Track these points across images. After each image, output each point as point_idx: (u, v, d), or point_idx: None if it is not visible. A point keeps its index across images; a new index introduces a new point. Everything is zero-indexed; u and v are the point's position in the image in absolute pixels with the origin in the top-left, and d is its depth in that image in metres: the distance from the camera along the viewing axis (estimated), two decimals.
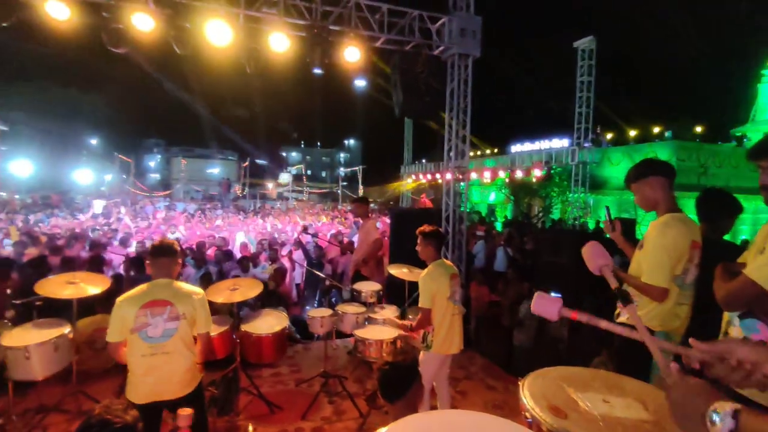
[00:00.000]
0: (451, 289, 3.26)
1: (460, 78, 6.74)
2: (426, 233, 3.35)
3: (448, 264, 3.43)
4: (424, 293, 3.17)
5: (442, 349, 3.24)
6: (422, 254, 3.37)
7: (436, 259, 3.33)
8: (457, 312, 3.34)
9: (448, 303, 3.23)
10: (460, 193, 7.20)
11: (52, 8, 4.95)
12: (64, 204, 20.33)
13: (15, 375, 3.02)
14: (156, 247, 2.61)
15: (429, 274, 3.23)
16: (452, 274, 3.33)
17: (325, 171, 62.56)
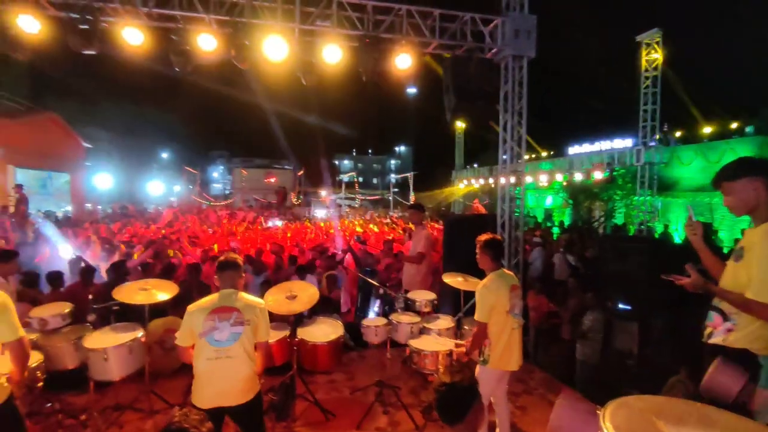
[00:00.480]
0: (510, 301, 3.11)
1: (515, 80, 6.54)
2: (483, 242, 3.23)
3: (508, 274, 3.28)
4: (481, 306, 3.04)
5: (499, 365, 3.10)
6: (481, 263, 3.26)
7: (495, 268, 3.20)
8: (517, 326, 3.18)
9: (507, 316, 3.09)
10: (515, 198, 6.96)
11: (128, 35, 5.39)
12: (138, 213, 22.03)
13: (95, 375, 3.28)
14: (222, 262, 2.76)
15: (486, 285, 3.10)
16: (512, 286, 3.18)
17: (376, 178, 63.20)
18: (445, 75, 6.60)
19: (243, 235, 12.23)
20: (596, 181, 18.47)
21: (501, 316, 3.07)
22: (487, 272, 3.22)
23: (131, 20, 5.43)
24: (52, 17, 5.27)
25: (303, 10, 5.87)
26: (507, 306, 3.08)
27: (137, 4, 5.35)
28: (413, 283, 5.11)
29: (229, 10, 5.68)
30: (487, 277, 3.17)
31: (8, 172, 17.06)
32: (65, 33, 5.20)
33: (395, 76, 6.37)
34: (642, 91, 15.16)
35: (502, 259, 3.42)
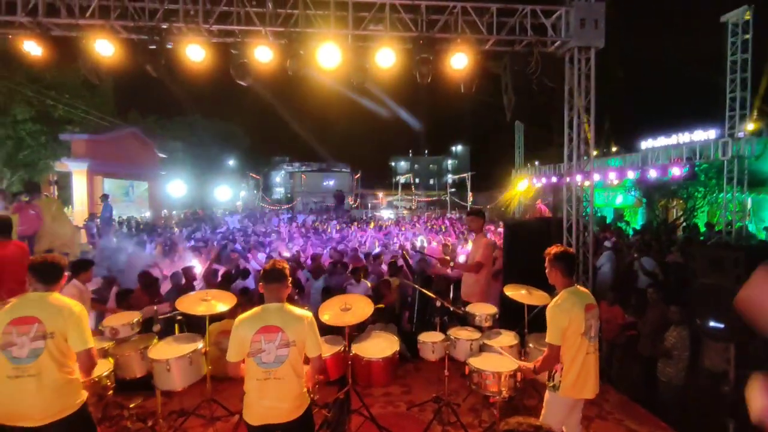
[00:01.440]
0: (586, 323, 2.77)
1: (581, 73, 6.07)
2: (554, 255, 2.91)
3: (583, 292, 2.93)
4: (552, 327, 2.75)
5: (572, 393, 2.78)
6: (551, 278, 2.96)
7: (567, 285, 2.88)
8: (593, 350, 2.83)
9: (582, 339, 2.76)
10: (583, 200, 6.46)
11: (191, 52, 5.63)
12: (208, 218, 23.45)
13: (159, 385, 3.41)
14: (267, 272, 2.67)
15: (559, 304, 2.79)
16: (588, 305, 2.83)
17: (432, 179, 62.60)
18: (504, 73, 6.26)
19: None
20: (674, 177, 16.88)
21: (575, 339, 2.76)
22: (558, 289, 2.91)
23: (194, 38, 5.67)
24: (124, 40, 5.62)
25: (355, 16, 5.83)
26: (582, 328, 2.76)
27: (200, 22, 5.58)
28: (472, 293, 4.85)
29: (284, 21, 5.76)
30: (559, 295, 2.86)
31: (96, 183, 18.82)
32: (136, 54, 5.54)
33: (451, 76, 6.16)
34: (729, 77, 13.62)
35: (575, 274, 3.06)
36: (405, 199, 40.20)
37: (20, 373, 2.39)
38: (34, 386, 2.39)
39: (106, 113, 21.72)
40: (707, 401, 4.36)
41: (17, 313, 2.46)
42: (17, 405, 2.40)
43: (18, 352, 2.39)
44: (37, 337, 2.42)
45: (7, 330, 2.41)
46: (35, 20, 5.32)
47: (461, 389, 4.43)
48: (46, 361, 2.42)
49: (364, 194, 43.91)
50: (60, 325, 2.47)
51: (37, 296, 2.55)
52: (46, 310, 2.48)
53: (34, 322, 2.43)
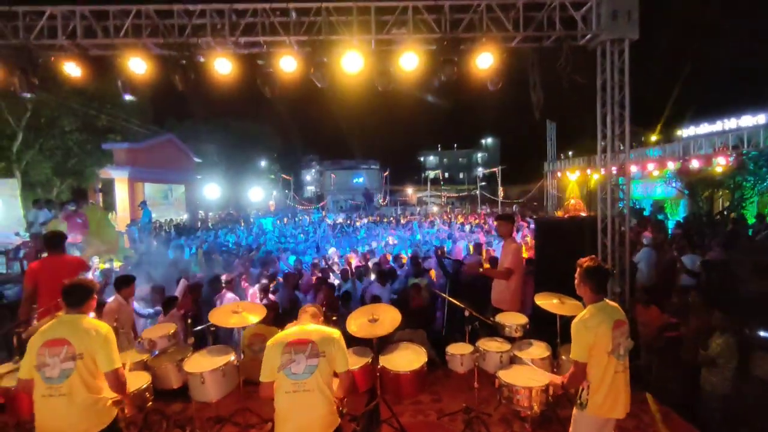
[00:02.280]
0: (614, 341, 2.65)
1: (614, 67, 5.82)
2: (585, 269, 2.78)
3: (613, 307, 2.79)
4: (577, 344, 2.65)
5: (600, 411, 2.66)
6: (579, 291, 2.85)
7: (596, 300, 2.76)
8: (622, 369, 2.71)
9: (609, 358, 2.64)
10: (618, 199, 6.21)
11: (219, 65, 5.78)
12: (242, 219, 24.12)
13: (194, 396, 3.55)
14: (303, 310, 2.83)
15: (584, 320, 2.67)
16: (617, 322, 2.70)
17: (462, 173, 61.83)
18: (531, 70, 6.08)
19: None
20: (722, 166, 15.93)
21: (602, 357, 2.64)
22: (585, 302, 2.80)
23: (221, 51, 5.81)
24: (156, 56, 5.82)
25: (378, 20, 5.80)
26: (609, 346, 2.63)
27: (227, 35, 5.70)
28: (502, 300, 4.76)
29: (307, 29, 5.81)
30: (586, 310, 2.75)
31: (137, 188, 19.69)
32: (167, 69, 5.73)
33: (476, 75, 6.05)
34: None
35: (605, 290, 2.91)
36: (434, 194, 39.86)
37: (53, 392, 2.53)
38: (65, 405, 2.54)
39: (145, 121, 22.68)
40: (756, 412, 4.12)
41: (50, 335, 2.61)
42: (52, 422, 2.55)
43: (50, 372, 2.54)
44: (67, 358, 2.55)
45: (41, 351, 2.56)
46: (74, 42, 5.59)
47: (492, 398, 4.33)
48: (76, 381, 2.55)
49: (393, 191, 43.88)
50: (89, 346, 2.60)
51: (69, 319, 2.69)
52: (76, 333, 2.61)
53: (64, 344, 2.57)
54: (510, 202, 31.16)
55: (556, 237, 6.17)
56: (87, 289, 2.76)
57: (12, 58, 5.50)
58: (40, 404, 2.56)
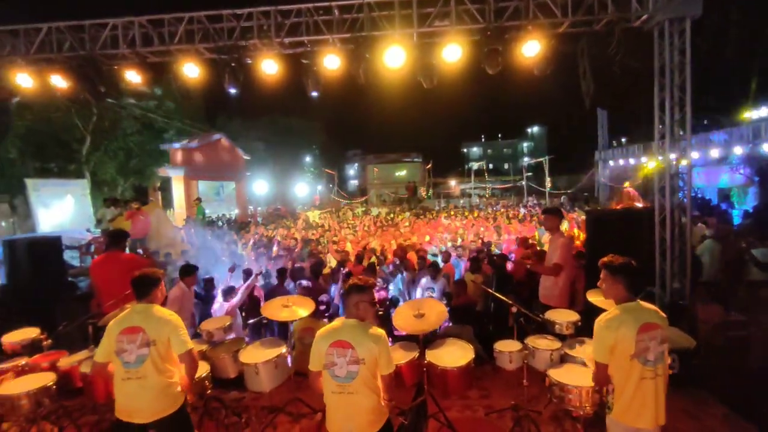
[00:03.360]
0: (638, 345, 2.45)
1: (673, 49, 5.45)
2: (617, 266, 2.59)
3: (644, 308, 2.57)
4: (596, 344, 2.52)
5: (625, 418, 2.51)
6: (608, 293, 2.64)
7: (626, 300, 2.57)
8: (651, 376, 2.49)
9: (633, 363, 2.46)
10: (679, 188, 5.83)
11: (266, 66, 5.97)
12: (289, 214, 24.84)
13: (249, 386, 3.74)
14: (350, 286, 2.73)
15: (606, 321, 2.51)
16: (645, 325, 2.49)
17: (507, 163, 60.20)
18: (580, 56, 5.82)
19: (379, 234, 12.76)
20: None
21: (624, 362, 2.48)
22: (615, 303, 2.61)
23: (268, 52, 5.99)
24: (208, 60, 6.10)
25: (420, 13, 5.76)
26: (631, 350, 2.45)
27: (272, 36, 5.87)
28: (550, 296, 4.62)
29: (350, 27, 5.87)
30: (612, 309, 2.57)
31: (192, 186, 20.77)
32: (218, 72, 5.99)
33: (522, 64, 5.87)
34: None
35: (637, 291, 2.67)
36: (478, 186, 39.10)
37: (131, 376, 2.77)
38: (141, 387, 2.77)
39: (197, 121, 23.87)
40: None
41: (126, 323, 2.84)
42: (131, 403, 2.79)
43: (128, 357, 2.78)
44: (143, 344, 2.78)
45: (119, 338, 2.80)
46: (134, 50, 5.96)
47: (542, 396, 4.24)
48: (149, 365, 2.78)
49: (436, 183, 43.48)
50: (161, 333, 2.83)
51: (141, 308, 2.92)
52: (149, 321, 2.84)
53: (139, 332, 2.80)
54: (558, 192, 30.02)
55: (610, 230, 5.89)
56: (152, 280, 2.98)
57: (80, 68, 5.95)
58: (120, 387, 2.81)
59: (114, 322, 2.88)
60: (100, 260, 5.02)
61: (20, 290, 6.43)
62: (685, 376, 4.42)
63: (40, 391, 3.49)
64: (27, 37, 6.02)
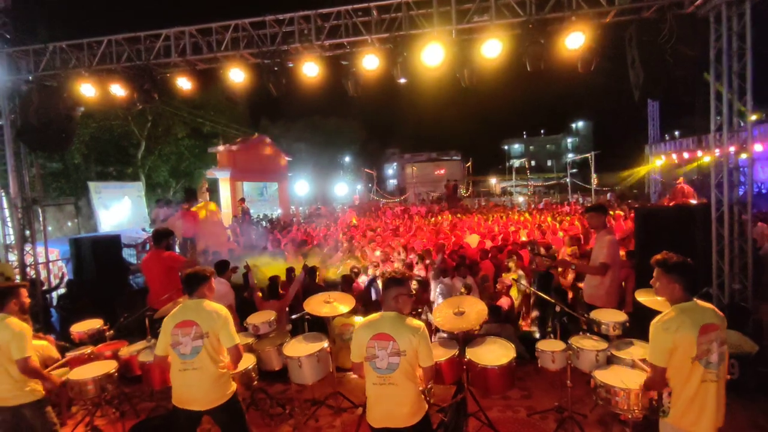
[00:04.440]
0: (700, 347, 2.32)
1: (731, 33, 5.12)
2: (668, 264, 2.45)
3: (703, 308, 2.43)
4: (654, 347, 2.40)
5: (683, 424, 2.38)
6: (662, 291, 2.50)
7: (683, 300, 2.44)
8: (712, 378, 2.35)
9: (694, 365, 2.33)
10: (739, 183, 5.47)
11: (307, 69, 6.12)
12: (328, 214, 25.30)
13: (293, 378, 3.88)
14: (386, 280, 2.79)
15: (664, 322, 2.39)
16: (705, 326, 2.35)
17: (550, 160, 58.40)
18: (629, 46, 5.56)
19: (417, 232, 12.73)
20: None
21: (684, 364, 2.34)
22: (670, 303, 2.48)
23: (308, 55, 6.15)
24: (252, 65, 6.33)
25: (459, 9, 5.71)
26: (692, 352, 2.32)
27: (313, 40, 6.01)
28: (596, 296, 4.45)
29: (388, 26, 5.91)
30: (668, 310, 2.44)
31: (237, 187, 21.62)
32: (261, 76, 6.20)
33: (565, 56, 5.69)
34: None
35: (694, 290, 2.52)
36: (519, 184, 38.15)
37: (187, 367, 2.95)
38: (197, 377, 2.94)
39: (242, 124, 24.81)
40: None
41: (180, 317, 3.02)
42: (187, 392, 2.97)
43: (184, 349, 2.94)
44: (197, 336, 2.95)
45: (175, 332, 2.98)
46: (184, 59, 6.29)
47: (587, 397, 4.11)
48: (204, 356, 2.95)
49: (476, 181, 42.85)
50: (213, 326, 2.99)
51: (194, 303, 3.10)
52: (201, 315, 3.01)
53: (193, 325, 2.97)
54: (604, 189, 28.75)
55: (662, 227, 5.62)
56: (200, 277, 3.14)
57: (137, 77, 6.35)
58: (177, 377, 2.99)
59: (169, 317, 3.07)
60: (147, 258, 5.50)
61: (86, 284, 6.96)
62: (746, 384, 4.16)
63: (104, 378, 3.77)
64: (90, 50, 6.49)
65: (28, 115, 6.46)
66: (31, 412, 3.16)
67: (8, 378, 3.08)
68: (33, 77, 6.65)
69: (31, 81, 6.69)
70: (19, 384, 3.11)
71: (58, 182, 18.25)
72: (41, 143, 6.87)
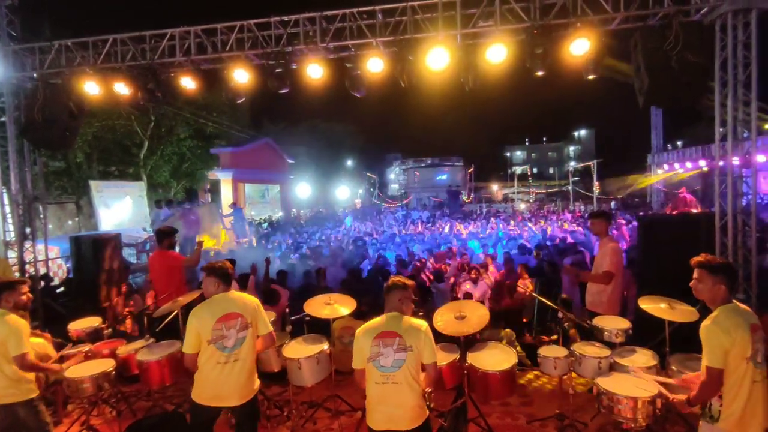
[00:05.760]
0: (753, 345, 2.34)
1: (737, 42, 5.12)
2: (714, 266, 2.46)
3: (746, 310, 2.47)
4: (711, 348, 2.35)
5: (737, 426, 2.36)
6: (704, 293, 2.50)
7: (728, 301, 2.44)
8: (761, 378, 2.37)
9: (747, 365, 2.33)
10: (743, 193, 5.44)
11: (311, 70, 6.12)
12: (330, 216, 25.31)
13: (292, 380, 3.85)
14: (388, 285, 2.84)
15: (718, 323, 2.38)
16: (753, 325, 2.39)
17: (552, 167, 58.43)
18: (634, 52, 5.55)
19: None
20: None
21: (739, 364, 2.33)
22: (712, 305, 2.48)
23: (313, 57, 6.15)
24: (257, 66, 6.33)
25: (463, 14, 5.72)
26: (747, 351, 2.32)
27: (318, 42, 6.02)
28: (598, 303, 4.41)
29: (393, 30, 5.91)
30: (717, 312, 2.43)
31: (239, 188, 21.65)
32: (266, 77, 6.21)
33: (569, 63, 5.69)
34: None
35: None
36: (522, 191, 38.14)
37: (229, 359, 2.91)
38: (238, 369, 2.92)
39: (244, 126, 24.86)
40: None
41: (221, 311, 2.97)
42: (223, 387, 2.90)
43: (228, 342, 2.91)
44: (242, 327, 2.96)
45: (217, 326, 2.92)
46: (189, 59, 6.30)
47: (588, 405, 4.06)
48: (247, 347, 2.96)
49: (477, 187, 42.85)
50: (254, 315, 3.03)
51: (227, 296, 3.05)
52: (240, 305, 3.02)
53: (238, 317, 2.97)
54: (607, 198, 28.73)
55: (665, 236, 5.58)
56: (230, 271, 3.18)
57: (141, 77, 6.35)
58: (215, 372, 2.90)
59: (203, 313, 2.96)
60: (152, 257, 5.58)
61: (85, 283, 6.92)
62: None
63: (101, 376, 3.73)
64: (95, 49, 6.49)
65: (33, 113, 6.47)
66: (25, 411, 3.12)
67: (2, 376, 3.05)
68: (38, 74, 6.66)
69: (35, 78, 6.71)
70: (13, 382, 3.08)
71: (60, 180, 18.27)
72: (45, 141, 6.87)
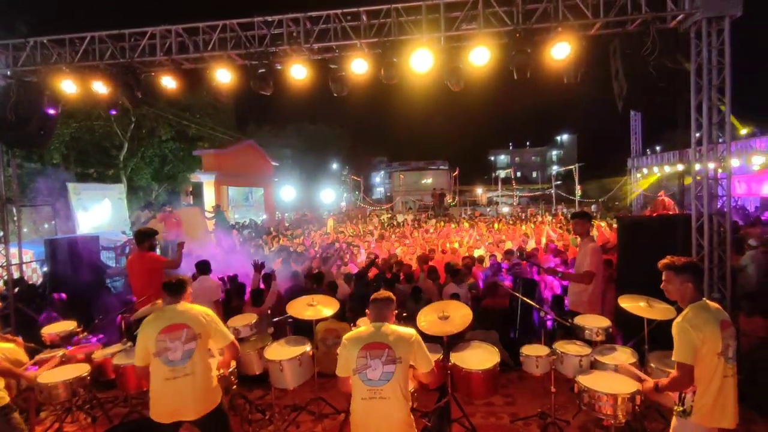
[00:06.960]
0: (724, 342, 2.43)
1: (711, 49, 5.26)
2: (678, 266, 2.55)
3: (714, 307, 2.56)
4: (682, 344, 2.43)
5: (707, 421, 2.44)
6: (673, 293, 2.59)
7: (695, 299, 2.53)
8: (731, 373, 2.47)
9: (719, 360, 2.41)
10: (718, 196, 5.58)
11: (295, 71, 6.09)
12: (315, 220, 25.13)
13: (274, 383, 3.78)
14: (374, 297, 2.78)
15: (688, 320, 2.45)
16: (723, 321, 2.48)
17: (535, 171, 59.30)
18: (613, 58, 5.69)
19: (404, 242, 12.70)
20: None
21: (711, 360, 2.41)
22: (682, 304, 2.56)
23: (296, 57, 6.12)
24: (239, 66, 6.27)
25: (447, 17, 5.76)
26: (718, 347, 2.41)
27: (302, 42, 5.99)
28: (579, 302, 4.48)
29: (377, 32, 5.93)
30: (687, 310, 2.51)
31: (222, 191, 21.34)
32: (249, 78, 6.15)
33: (551, 67, 5.78)
34: None
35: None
36: (505, 194, 38.53)
37: (176, 374, 2.75)
38: (189, 384, 2.75)
39: (228, 128, 24.58)
40: None
41: (164, 322, 2.82)
42: (176, 402, 2.75)
43: (173, 355, 2.75)
44: (189, 339, 2.79)
45: (160, 338, 2.77)
46: (170, 58, 6.20)
47: (570, 404, 4.12)
48: (197, 360, 2.79)
49: (462, 191, 43.13)
50: (205, 328, 2.88)
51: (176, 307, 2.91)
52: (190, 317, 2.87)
53: (183, 328, 2.81)
54: (588, 201, 29.24)
55: (644, 236, 5.70)
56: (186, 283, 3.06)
57: (120, 75, 6.22)
58: (163, 387, 2.75)
59: (147, 325, 2.84)
60: (131, 259, 5.41)
61: (60, 286, 6.72)
62: None
63: (76, 381, 3.62)
64: (72, 46, 6.34)
65: (5, 111, 6.28)
66: None
67: None
68: (11, 72, 6.47)
69: (9, 76, 6.52)
70: None
71: (34, 182, 17.75)
72: (18, 140, 6.68)
